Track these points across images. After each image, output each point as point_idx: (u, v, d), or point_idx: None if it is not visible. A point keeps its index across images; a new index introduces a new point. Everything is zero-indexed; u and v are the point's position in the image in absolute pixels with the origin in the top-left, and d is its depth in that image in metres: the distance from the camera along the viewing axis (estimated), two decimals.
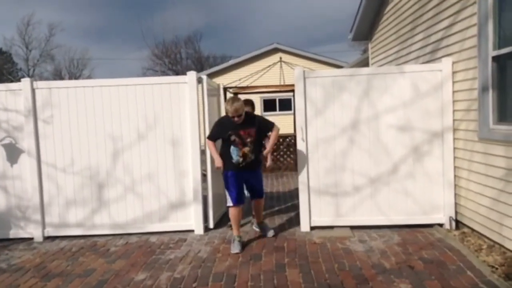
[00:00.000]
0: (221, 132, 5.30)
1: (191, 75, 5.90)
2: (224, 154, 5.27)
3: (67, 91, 5.93)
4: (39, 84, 5.96)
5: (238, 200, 5.31)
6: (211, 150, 5.43)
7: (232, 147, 5.18)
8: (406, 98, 5.63)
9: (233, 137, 5.16)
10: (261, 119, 5.47)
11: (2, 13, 58.96)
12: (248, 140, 5.19)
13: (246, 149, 5.17)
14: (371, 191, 5.73)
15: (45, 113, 5.93)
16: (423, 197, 5.67)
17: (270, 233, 5.62)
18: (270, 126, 5.39)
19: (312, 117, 5.74)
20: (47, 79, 38.19)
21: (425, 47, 6.56)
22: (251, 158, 5.24)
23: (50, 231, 6.01)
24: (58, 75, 42.71)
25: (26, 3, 61.87)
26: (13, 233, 6.02)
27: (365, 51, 16.53)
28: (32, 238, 5.98)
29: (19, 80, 6.05)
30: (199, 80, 6.02)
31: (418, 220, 5.68)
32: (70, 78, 40.47)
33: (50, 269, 4.82)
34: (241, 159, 5.18)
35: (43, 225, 5.99)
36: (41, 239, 5.95)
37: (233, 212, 5.34)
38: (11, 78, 37.53)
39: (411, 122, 5.64)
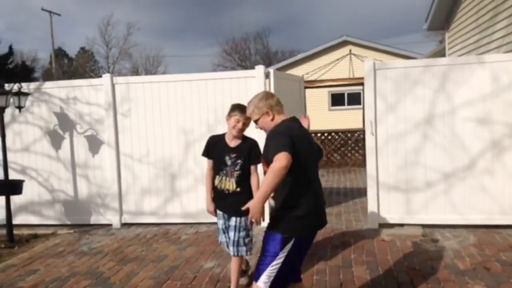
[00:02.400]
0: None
1: (259, 69, 5.96)
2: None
3: (143, 86, 6.24)
4: (118, 79, 6.33)
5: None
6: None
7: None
8: (486, 90, 5.30)
9: None
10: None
11: (85, 15, 63.16)
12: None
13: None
14: (445, 189, 5.46)
15: (124, 107, 6.29)
16: (503, 196, 5.31)
17: None
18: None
19: (383, 111, 5.58)
20: (125, 76, 40.33)
21: (508, 35, 6.12)
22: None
23: (126, 218, 6.38)
24: (135, 72, 44.94)
25: (105, 5, 65.84)
26: (94, 219, 6.47)
27: (442, 41, 15.71)
28: (110, 225, 6.39)
29: (100, 77, 6.46)
30: (267, 75, 6.05)
31: (496, 220, 5.34)
32: (146, 75, 42.46)
33: (126, 253, 5.12)
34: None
35: (121, 213, 6.38)
36: (118, 226, 6.34)
37: None
38: (92, 75, 40.15)
39: (491, 115, 5.29)
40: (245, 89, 5.96)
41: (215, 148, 3.75)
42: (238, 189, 3.64)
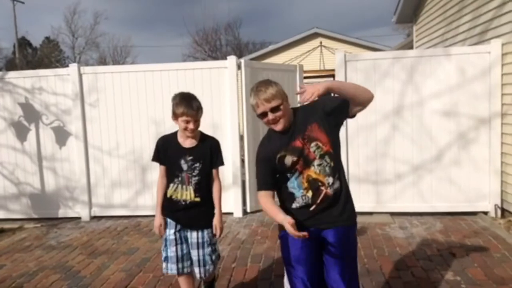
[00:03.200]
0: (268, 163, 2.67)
1: (231, 59, 5.94)
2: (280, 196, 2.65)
3: (112, 76, 6.11)
4: (86, 69, 6.17)
5: None
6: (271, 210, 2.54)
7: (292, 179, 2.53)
8: (452, 82, 5.45)
9: (288, 160, 2.51)
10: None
11: (50, 3, 61.13)
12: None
13: None
14: (413, 178, 5.60)
15: (92, 97, 6.14)
16: (468, 185, 5.50)
17: None
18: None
19: None
20: (92, 66, 39.24)
21: (473, 28, 6.29)
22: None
23: (96, 211, 6.27)
24: (102, 63, 43.83)
25: None
26: (62, 213, 6.32)
27: (409, 34, 16.02)
28: (79, 218, 6.26)
29: (66, 67, 6.28)
30: (239, 66, 6.03)
31: (461, 208, 5.53)
32: (114, 65, 41.51)
33: (96, 246, 5.04)
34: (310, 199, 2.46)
35: (90, 205, 6.25)
36: (88, 219, 6.21)
37: None
38: (58, 65, 38.96)
39: (457, 107, 5.45)
40: (217, 79, 5.93)
41: (167, 151, 3.06)
42: (198, 199, 2.98)
